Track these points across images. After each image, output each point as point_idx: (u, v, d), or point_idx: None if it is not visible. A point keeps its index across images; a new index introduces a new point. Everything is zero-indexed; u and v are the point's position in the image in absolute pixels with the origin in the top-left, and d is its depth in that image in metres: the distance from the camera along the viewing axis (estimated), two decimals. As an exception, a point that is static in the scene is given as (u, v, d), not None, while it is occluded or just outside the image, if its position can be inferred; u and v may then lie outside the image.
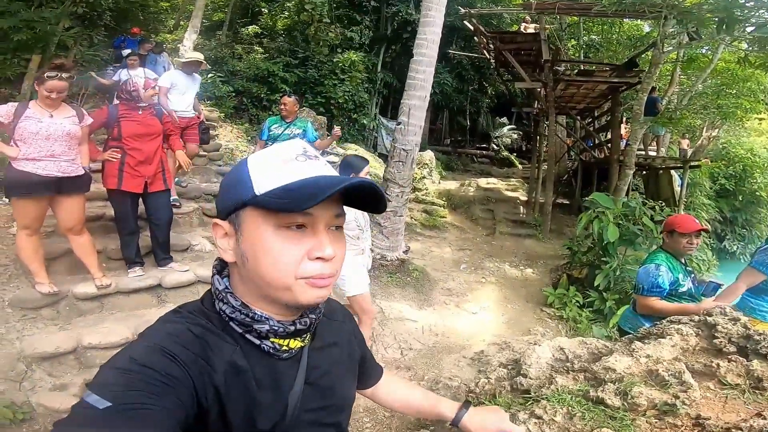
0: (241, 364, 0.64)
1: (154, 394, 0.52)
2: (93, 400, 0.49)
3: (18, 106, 2.86)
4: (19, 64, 5.49)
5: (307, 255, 0.62)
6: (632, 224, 4.85)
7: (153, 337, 0.60)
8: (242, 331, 0.66)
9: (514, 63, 9.19)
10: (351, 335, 0.92)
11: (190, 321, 0.65)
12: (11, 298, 3.06)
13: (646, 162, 9.57)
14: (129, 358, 0.55)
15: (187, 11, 12.13)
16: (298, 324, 0.68)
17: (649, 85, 7.39)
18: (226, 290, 0.67)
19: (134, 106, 3.44)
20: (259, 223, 0.62)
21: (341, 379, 0.81)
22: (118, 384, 0.51)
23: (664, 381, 1.48)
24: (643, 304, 2.47)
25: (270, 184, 0.61)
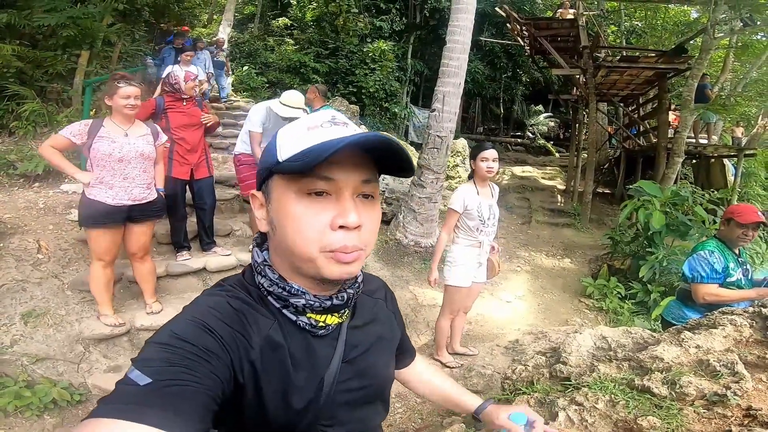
0: (277, 340, 0.64)
1: (192, 369, 0.53)
2: (135, 375, 0.51)
3: (92, 124, 2.72)
4: (69, 59, 5.74)
5: (331, 224, 0.60)
6: (682, 214, 4.61)
7: (193, 311, 0.61)
8: (279, 306, 0.66)
9: (551, 49, 8.87)
10: (392, 313, 0.89)
11: (230, 294, 0.66)
12: (71, 281, 3.22)
13: (697, 150, 9.03)
14: (170, 333, 0.56)
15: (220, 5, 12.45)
16: (335, 299, 0.67)
17: (700, 72, 6.95)
18: (264, 263, 0.67)
19: (178, 97, 3.55)
20: (283, 190, 0.62)
21: (380, 359, 0.79)
22: (159, 359, 0.53)
23: (715, 371, 1.43)
24: (705, 292, 2.33)
25: (291, 150, 0.60)
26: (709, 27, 6.39)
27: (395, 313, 0.91)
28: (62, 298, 3.07)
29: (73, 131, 2.67)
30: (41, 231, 3.69)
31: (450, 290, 2.96)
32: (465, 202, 2.81)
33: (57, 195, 4.39)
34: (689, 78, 6.94)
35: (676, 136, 7.03)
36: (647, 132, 10.05)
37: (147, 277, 3.14)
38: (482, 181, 2.89)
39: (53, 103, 5.67)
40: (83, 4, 5.84)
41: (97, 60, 6.24)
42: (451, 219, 2.86)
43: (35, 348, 2.66)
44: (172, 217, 3.67)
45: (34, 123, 5.22)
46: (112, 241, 2.81)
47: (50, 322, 2.86)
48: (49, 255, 3.45)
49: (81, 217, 2.75)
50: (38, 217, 3.92)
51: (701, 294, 2.35)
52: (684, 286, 2.58)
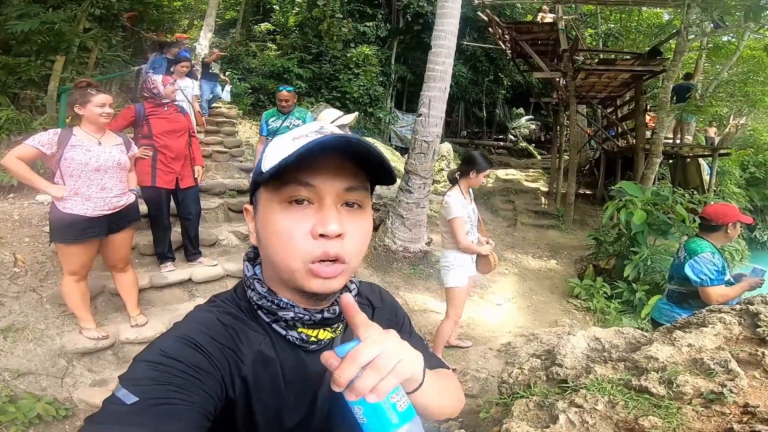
0: (269, 355, 0.62)
1: (181, 387, 0.52)
2: (122, 394, 0.50)
3: (61, 134, 2.55)
4: (43, 65, 5.57)
5: (311, 232, 0.58)
6: (662, 213, 4.73)
7: (182, 328, 0.60)
8: (270, 320, 0.64)
9: (532, 53, 9.02)
10: (393, 322, 0.84)
11: (221, 310, 0.64)
12: (50, 294, 3.11)
13: (673, 150, 9.30)
14: (158, 351, 0.55)
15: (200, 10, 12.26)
16: (326, 312, 0.64)
17: (675, 74, 7.17)
18: (253, 277, 0.66)
19: (159, 103, 3.43)
20: (267, 201, 0.61)
21: None
22: (147, 378, 0.51)
23: (710, 369, 1.45)
24: (717, 294, 2.34)
25: (273, 160, 0.58)
26: (682, 29, 6.60)
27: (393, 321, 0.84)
28: (41, 312, 2.97)
29: (42, 141, 2.49)
30: (17, 244, 3.56)
31: (453, 292, 3.06)
32: (461, 208, 2.93)
33: (32, 206, 4.24)
34: (665, 80, 7.15)
35: (654, 137, 7.23)
36: (625, 133, 10.31)
37: (130, 288, 3.04)
38: (468, 188, 3.07)
39: (27, 111, 5.48)
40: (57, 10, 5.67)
41: (72, 66, 6.05)
42: (463, 225, 2.93)
43: (16, 363, 2.56)
44: (156, 227, 3.58)
45: (8, 131, 5.03)
46: (88, 254, 2.68)
47: (30, 336, 2.75)
48: (26, 268, 3.33)
49: (54, 232, 2.57)
50: (13, 230, 3.77)
51: (714, 297, 2.33)
52: (677, 289, 2.57)
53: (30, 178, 2.50)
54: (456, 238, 2.93)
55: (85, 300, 2.82)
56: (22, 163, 2.48)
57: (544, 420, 1.64)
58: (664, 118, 7.19)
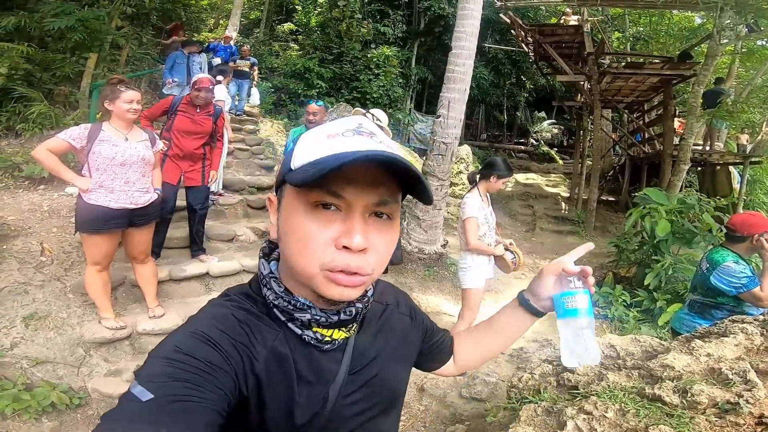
0: (283, 352, 0.62)
1: (196, 384, 0.52)
2: (138, 391, 0.49)
3: (92, 128, 2.65)
4: (77, 62, 5.77)
5: (335, 243, 0.56)
6: (688, 221, 4.57)
7: (196, 324, 0.59)
8: (285, 319, 0.63)
9: (555, 56, 8.88)
10: (406, 317, 0.84)
11: (235, 305, 0.63)
12: (73, 284, 3.20)
13: (702, 157, 8.99)
14: (173, 347, 0.55)
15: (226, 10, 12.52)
16: (342, 314, 0.64)
17: (706, 78, 6.93)
18: (270, 275, 0.64)
19: (194, 103, 3.54)
20: (292, 199, 0.58)
21: (391, 371, 0.75)
22: (162, 374, 0.51)
23: (727, 379, 1.40)
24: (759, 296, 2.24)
25: (304, 158, 0.56)
26: (715, 33, 6.38)
27: (411, 316, 0.86)
28: (64, 301, 3.06)
29: (72, 135, 2.60)
30: (45, 234, 3.69)
31: (469, 293, 3.05)
32: (478, 210, 2.92)
33: (62, 198, 4.40)
34: (695, 84, 6.93)
35: (682, 143, 7.00)
36: (652, 139, 10.03)
37: (149, 279, 3.12)
38: (486, 191, 3.06)
39: (60, 106, 5.70)
40: (91, 8, 5.88)
41: (104, 63, 6.26)
42: (476, 226, 2.92)
43: (35, 351, 2.64)
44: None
45: (40, 125, 5.24)
46: (111, 246, 2.77)
47: (51, 325, 2.84)
48: (52, 258, 3.45)
49: (79, 222, 2.68)
50: (42, 220, 3.92)
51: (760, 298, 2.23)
52: (700, 299, 2.49)
53: (58, 170, 2.60)
54: (466, 238, 2.92)
55: (105, 290, 2.90)
56: (52, 155, 2.58)
57: (552, 426, 1.60)
58: (693, 124, 6.95)
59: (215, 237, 4.40)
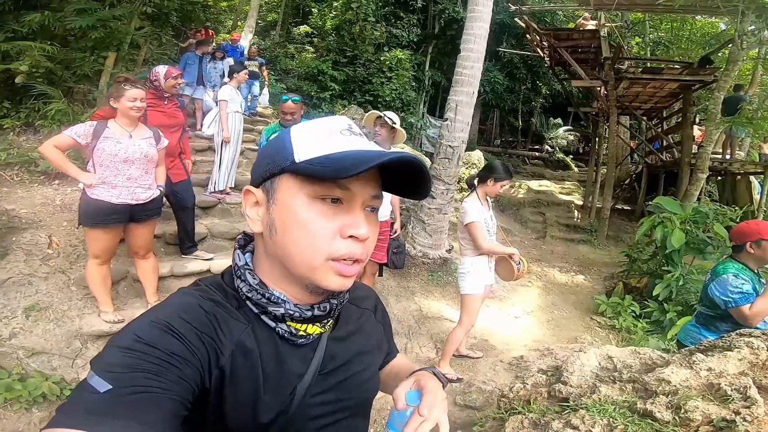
0: (249, 346, 0.60)
1: (156, 375, 0.50)
2: (95, 382, 0.48)
3: (97, 125, 2.70)
4: (96, 61, 5.89)
5: (340, 232, 0.58)
6: (702, 232, 4.41)
7: (158, 312, 0.58)
8: (258, 311, 0.63)
9: (571, 61, 8.74)
10: (380, 325, 0.85)
11: (204, 296, 0.62)
12: (77, 277, 3.25)
13: (722, 166, 8.71)
14: (133, 336, 0.53)
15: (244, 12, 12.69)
16: (317, 309, 0.64)
17: (727, 84, 6.71)
18: (245, 266, 0.64)
19: (161, 95, 3.47)
20: (295, 192, 0.59)
21: (362, 372, 0.74)
22: (121, 365, 0.49)
23: (726, 396, 1.32)
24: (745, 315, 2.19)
25: (312, 153, 0.58)
26: (737, 38, 6.19)
27: (384, 324, 0.87)
28: (66, 294, 3.10)
29: (78, 131, 2.65)
30: (55, 227, 3.77)
31: (469, 299, 3.03)
32: (478, 214, 2.90)
33: (74, 193, 4.49)
34: (715, 90, 6.72)
35: (700, 152, 6.78)
36: (671, 147, 9.76)
37: (149, 274, 3.15)
38: (485, 195, 3.04)
39: (79, 104, 5.83)
40: (112, 7, 6.00)
41: (122, 63, 6.38)
42: (481, 229, 2.89)
43: (33, 342, 2.67)
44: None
45: (59, 122, 5.35)
46: (111, 240, 2.81)
47: (51, 316, 2.88)
48: (59, 250, 3.51)
49: (81, 216, 2.75)
50: (53, 214, 4.00)
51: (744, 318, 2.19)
52: (705, 311, 2.45)
53: (63, 165, 2.66)
54: (476, 243, 2.88)
55: (105, 283, 2.94)
56: (57, 150, 2.65)
57: (538, 438, 1.54)
58: (712, 132, 6.74)
59: (219, 234, 4.43)
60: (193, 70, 6.92)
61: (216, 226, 4.49)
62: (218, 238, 4.41)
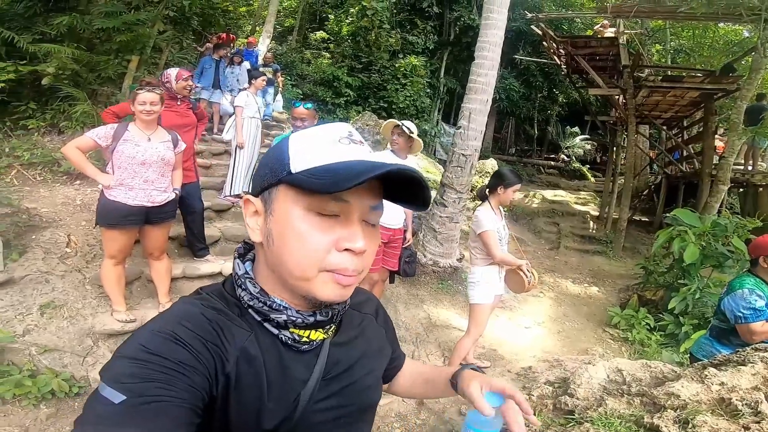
0: (253, 353, 0.61)
1: (167, 383, 0.51)
2: (108, 393, 0.49)
3: (118, 128, 2.77)
4: (120, 64, 6.03)
5: (335, 245, 0.58)
6: (721, 245, 4.28)
7: (162, 322, 0.58)
8: (260, 319, 0.63)
9: (588, 68, 8.64)
10: (382, 329, 0.85)
11: (206, 304, 0.63)
12: (92, 276, 3.32)
13: (744, 178, 8.46)
14: (138, 346, 0.54)
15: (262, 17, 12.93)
16: (319, 315, 0.64)
17: (750, 92, 6.54)
18: (245, 275, 0.65)
19: (174, 96, 3.53)
20: (291, 203, 0.59)
21: (365, 377, 0.74)
22: (132, 375, 0.50)
23: (736, 410, 1.28)
24: (751, 331, 2.16)
25: (308, 163, 0.58)
26: (759, 45, 6.04)
27: (386, 328, 0.87)
28: (81, 292, 3.17)
29: (99, 134, 2.73)
30: (74, 226, 3.87)
31: (478, 308, 3.00)
32: (491, 223, 2.88)
33: (95, 193, 4.58)
34: (738, 99, 6.56)
35: (722, 163, 6.61)
36: (691, 157, 9.54)
37: (162, 275, 3.21)
38: (498, 204, 3.00)
39: (102, 106, 5.97)
40: (137, 11, 6.17)
41: (145, 66, 6.54)
42: (494, 238, 2.87)
43: (46, 339, 2.73)
44: None
45: (82, 123, 5.51)
46: (127, 241, 2.88)
47: (66, 314, 2.95)
48: (77, 249, 3.60)
49: (98, 216, 2.82)
50: (73, 213, 4.11)
51: (749, 334, 2.17)
52: (718, 324, 2.40)
53: (83, 166, 2.76)
54: (490, 252, 2.85)
55: (119, 283, 3.00)
56: (79, 152, 2.75)
57: (541, 450, 1.51)
58: (734, 142, 6.56)
59: (232, 238, 4.49)
60: (210, 74, 6.98)
61: (229, 229, 4.55)
62: (231, 241, 4.47)
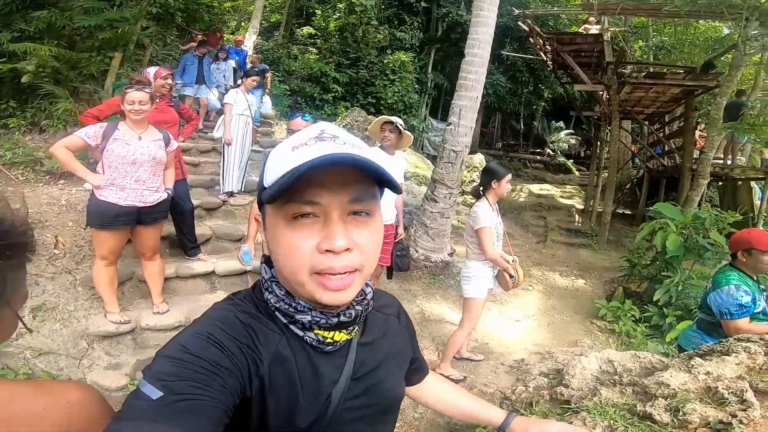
0: (285, 355, 0.63)
1: (203, 383, 0.53)
2: (147, 390, 0.51)
3: (107, 127, 2.72)
4: (102, 61, 5.89)
5: (317, 247, 0.58)
6: (702, 237, 4.44)
7: (201, 325, 0.61)
8: (287, 321, 0.65)
9: (574, 65, 8.78)
10: (405, 329, 0.88)
11: (239, 308, 0.65)
12: (83, 277, 3.27)
13: (723, 172, 8.73)
14: (180, 347, 0.56)
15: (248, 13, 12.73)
16: (342, 316, 0.66)
17: (729, 89, 6.74)
18: (271, 279, 0.67)
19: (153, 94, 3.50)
20: (271, 217, 0.61)
21: (389, 377, 0.77)
22: (170, 373, 0.53)
23: (723, 399, 1.35)
24: (735, 328, 2.23)
25: (274, 175, 0.58)
26: (740, 43, 6.22)
27: (408, 329, 0.90)
28: (73, 294, 3.13)
29: (88, 133, 2.68)
30: (60, 227, 3.79)
31: (472, 303, 3.05)
32: (489, 219, 2.91)
33: (80, 193, 4.52)
34: (718, 96, 6.76)
35: (702, 157, 6.82)
36: (672, 152, 9.80)
37: (155, 276, 3.18)
38: (495, 200, 3.03)
39: (84, 104, 5.84)
40: (119, 8, 6.03)
41: (128, 63, 6.41)
42: (491, 235, 2.91)
43: (40, 342, 2.70)
44: None
45: (64, 122, 5.38)
46: (118, 242, 2.85)
47: (58, 317, 2.91)
48: (65, 251, 3.54)
49: (89, 217, 2.77)
50: (59, 214, 4.03)
51: (733, 331, 2.24)
52: (705, 317, 2.49)
53: (73, 166, 2.69)
54: (483, 248, 2.90)
55: (112, 284, 2.98)
56: (68, 151, 2.68)
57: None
58: (714, 137, 6.77)
59: (223, 236, 4.46)
60: (192, 70, 6.97)
61: (220, 227, 4.52)
62: (223, 239, 4.45)
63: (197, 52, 7.06)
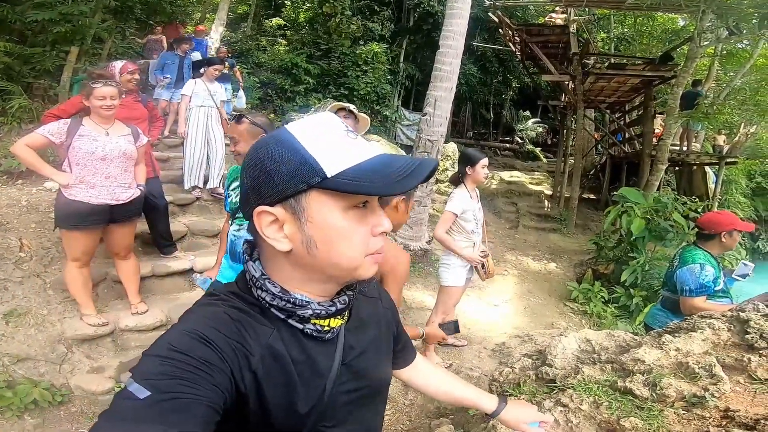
0: (278, 348, 0.63)
1: (191, 381, 0.53)
2: (134, 389, 0.50)
3: (71, 123, 2.61)
4: (57, 56, 5.60)
5: (372, 231, 0.65)
6: (663, 220, 4.73)
7: (190, 322, 0.60)
8: (284, 316, 0.65)
9: (541, 55, 8.99)
10: (387, 311, 0.90)
11: (227, 304, 0.65)
12: (53, 280, 3.15)
13: (680, 157, 9.25)
14: (167, 345, 0.56)
15: (213, 4, 12.27)
16: (339, 303, 0.68)
17: (685, 79, 7.11)
18: (263, 276, 0.66)
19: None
20: (330, 207, 0.61)
21: (377, 360, 0.79)
22: (158, 372, 0.53)
23: (694, 374, 1.47)
24: (691, 305, 2.37)
25: (340, 165, 0.59)
26: (696, 35, 6.54)
27: (391, 310, 0.92)
28: (44, 298, 3.01)
29: (51, 130, 2.56)
30: (23, 229, 3.61)
31: (448, 291, 3.09)
32: (463, 206, 2.93)
33: (40, 193, 4.30)
34: (675, 86, 7.11)
35: (660, 144, 7.19)
36: (632, 139, 10.27)
37: (131, 276, 3.10)
38: (474, 186, 3.05)
39: (39, 100, 5.55)
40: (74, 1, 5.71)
41: (86, 57, 6.10)
42: (450, 221, 2.95)
43: (16, 348, 2.60)
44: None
45: (19, 119, 5.09)
46: (91, 242, 2.75)
47: (32, 321, 2.80)
48: (32, 254, 3.38)
49: (58, 218, 2.66)
50: (20, 215, 3.83)
51: (688, 307, 2.38)
52: (670, 295, 2.60)
53: (37, 165, 2.57)
54: (437, 227, 2.95)
55: (86, 286, 2.88)
56: (30, 150, 2.55)
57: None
58: (671, 125, 7.15)
59: (199, 232, 4.37)
60: (172, 70, 6.36)
61: (195, 223, 4.42)
62: (199, 235, 4.35)
63: (179, 50, 6.44)
